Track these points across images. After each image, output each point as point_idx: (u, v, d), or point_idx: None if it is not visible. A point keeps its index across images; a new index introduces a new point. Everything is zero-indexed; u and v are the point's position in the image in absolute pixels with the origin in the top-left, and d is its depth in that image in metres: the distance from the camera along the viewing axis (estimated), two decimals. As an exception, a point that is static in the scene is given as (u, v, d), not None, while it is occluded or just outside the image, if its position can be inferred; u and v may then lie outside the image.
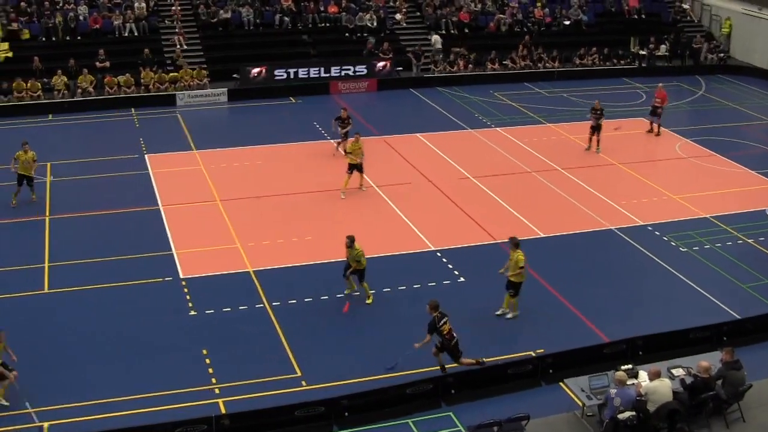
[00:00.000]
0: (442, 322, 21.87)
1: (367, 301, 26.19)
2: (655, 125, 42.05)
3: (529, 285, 26.74)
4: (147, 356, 23.01)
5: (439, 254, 28.95)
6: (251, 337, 23.94)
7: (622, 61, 54.47)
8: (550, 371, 22.41)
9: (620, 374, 19.56)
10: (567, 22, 56.66)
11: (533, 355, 23.05)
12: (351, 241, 25.78)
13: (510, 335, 24.31)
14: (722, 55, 56.39)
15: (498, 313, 25.33)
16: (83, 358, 22.93)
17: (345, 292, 26.52)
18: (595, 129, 39.14)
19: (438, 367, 22.19)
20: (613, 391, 19.19)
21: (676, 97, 49.41)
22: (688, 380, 20.37)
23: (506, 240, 28.68)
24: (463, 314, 25.21)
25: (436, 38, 52.42)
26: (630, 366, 20.75)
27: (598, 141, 39.24)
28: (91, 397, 21.08)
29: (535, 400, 21.45)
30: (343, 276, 26.08)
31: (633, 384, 19.80)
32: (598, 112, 38.83)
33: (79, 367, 22.51)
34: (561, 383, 21.78)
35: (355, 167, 33.74)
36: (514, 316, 25.17)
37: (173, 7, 52.02)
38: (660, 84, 43.33)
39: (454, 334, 22.01)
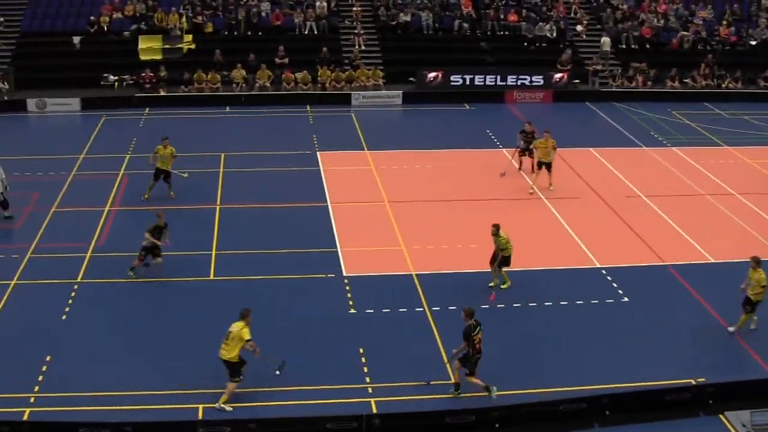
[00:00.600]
0: (476, 330, 21.40)
1: (502, 286, 26.74)
2: None
3: (694, 310, 26.21)
4: (304, 350, 23.33)
5: (604, 272, 28.45)
6: (408, 340, 24.00)
7: (810, 86, 52.55)
8: (710, 402, 21.71)
9: (786, 411, 18.90)
10: (753, 42, 54.93)
11: (693, 383, 22.42)
12: (497, 229, 26.27)
13: (670, 360, 23.66)
14: None
15: (731, 329, 24.97)
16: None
17: (490, 284, 26.71)
18: None
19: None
20: (776, 427, 18.55)
21: None
22: None
23: (674, 263, 28.21)
24: (625, 334, 24.83)
25: (605, 40, 51.62)
26: (797, 403, 20.04)
27: None
28: (244, 384, 21.41)
29: (691, 430, 20.90)
30: (490, 265, 26.29)
31: (799, 422, 19.11)
32: None
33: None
34: (720, 416, 21.10)
35: (544, 165, 34.14)
36: (755, 327, 25.06)
37: (354, 8, 52.76)
38: None
39: (481, 348, 21.56)
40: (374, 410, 20.84)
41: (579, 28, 54.17)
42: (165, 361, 22.64)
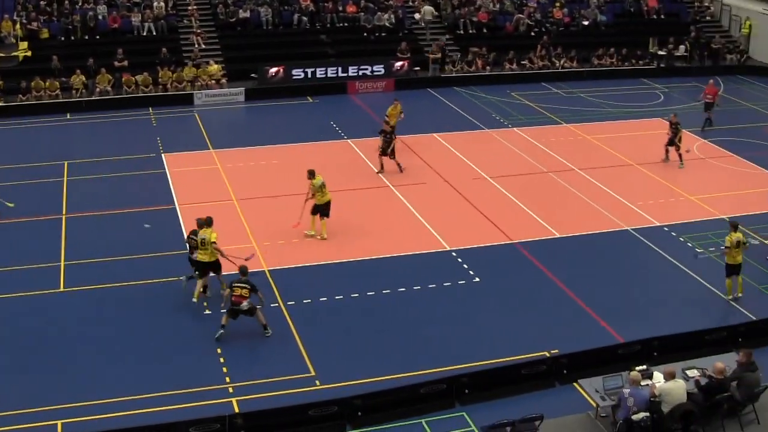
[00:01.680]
0: None
1: (310, 232, 29.64)
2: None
3: (543, 285, 26.91)
4: (160, 356, 23.07)
5: (454, 254, 28.92)
6: (265, 337, 23.94)
7: (641, 62, 54.24)
8: (564, 372, 22.33)
9: (634, 375, 19.48)
10: (585, 23, 56.46)
11: (547, 355, 23.01)
12: (311, 174, 29.13)
13: (524, 335, 24.25)
14: (741, 56, 56.16)
15: (730, 297, 26.40)
16: (97, 357, 23.06)
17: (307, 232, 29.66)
18: (672, 143, 37.81)
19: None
20: (626, 391, 19.10)
21: (694, 98, 49.17)
22: (703, 382, 20.27)
23: (522, 240, 28.90)
24: (478, 314, 25.33)
25: (426, 9, 52.33)
26: (644, 367, 20.66)
27: (680, 155, 37.87)
28: (102, 395, 21.16)
29: (548, 400, 21.40)
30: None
31: (647, 385, 19.73)
32: (675, 126, 37.61)
33: (92, 367, 22.64)
34: (575, 384, 21.68)
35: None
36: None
37: (191, 7, 52.17)
38: (710, 80, 44.72)
39: None
40: (236, 410, 20.75)
41: (417, 16, 54.68)
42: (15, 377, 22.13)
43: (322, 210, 29.45)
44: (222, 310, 24.03)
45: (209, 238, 24.86)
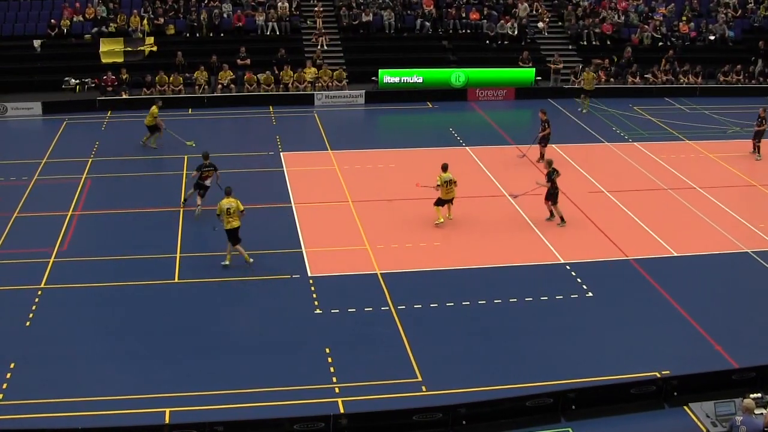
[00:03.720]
0: (555, 174, 31.12)
1: (439, 221, 31.41)
2: None
3: (657, 303, 26.43)
4: (271, 351, 23.34)
5: (568, 267, 28.61)
6: (374, 339, 24.06)
7: (768, 80, 53.08)
8: (675, 394, 21.87)
9: (748, 402, 19.02)
10: (712, 38, 55.40)
11: (658, 375, 22.59)
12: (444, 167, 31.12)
13: (635, 354, 23.84)
14: None
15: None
16: (206, 349, 23.44)
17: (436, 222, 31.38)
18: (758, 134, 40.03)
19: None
20: (739, 419, 18.66)
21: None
22: (820, 413, 19.74)
23: (637, 257, 28.52)
24: (589, 329, 25.03)
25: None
26: (759, 395, 20.19)
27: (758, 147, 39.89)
28: (211, 387, 21.53)
29: (656, 422, 21.04)
30: None
31: (761, 414, 19.26)
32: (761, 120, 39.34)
33: (202, 358, 22.98)
34: (685, 407, 21.25)
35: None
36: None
37: (316, 8, 52.72)
38: None
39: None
40: (341, 410, 20.83)
41: (541, 24, 54.40)
42: (131, 365, 22.58)
43: (444, 203, 31.22)
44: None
45: (237, 206, 27.65)
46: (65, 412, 20.39)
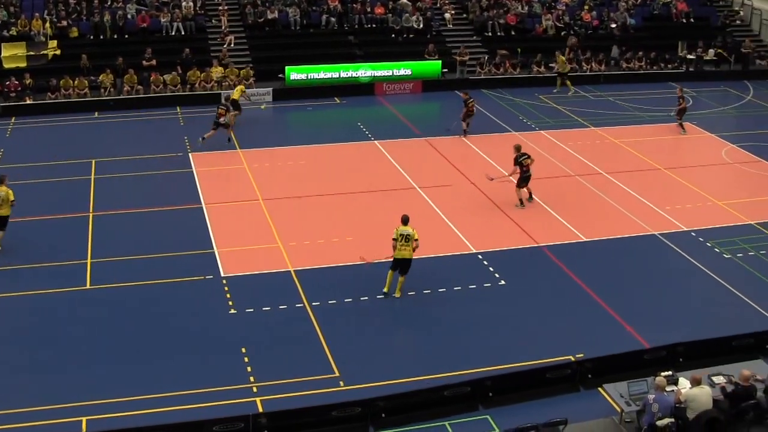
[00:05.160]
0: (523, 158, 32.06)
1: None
2: None
3: (569, 288, 26.81)
4: (186, 354, 23.15)
5: (480, 257, 28.87)
6: (290, 337, 24.00)
7: (670, 66, 54.04)
8: (589, 376, 22.22)
9: (660, 380, 19.43)
10: (614, 26, 56.27)
11: (572, 359, 22.92)
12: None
13: (549, 339, 24.16)
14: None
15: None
16: (121, 354, 23.11)
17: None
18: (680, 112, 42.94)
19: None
20: (651, 397, 19.05)
21: (723, 102, 48.99)
22: (729, 388, 20.19)
23: (548, 243, 28.86)
24: (503, 317, 25.29)
25: None
26: (670, 372, 20.58)
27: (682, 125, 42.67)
28: (128, 393, 21.23)
29: (573, 404, 21.28)
30: None
31: (673, 391, 19.66)
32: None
33: (117, 363, 22.68)
34: (600, 388, 21.56)
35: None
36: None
37: (220, 7, 52.35)
38: None
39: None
40: (260, 409, 20.76)
41: (447, 15, 54.65)
42: (44, 374, 22.22)
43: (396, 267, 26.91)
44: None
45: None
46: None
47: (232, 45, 49.94)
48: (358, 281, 27.01)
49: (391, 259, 25.95)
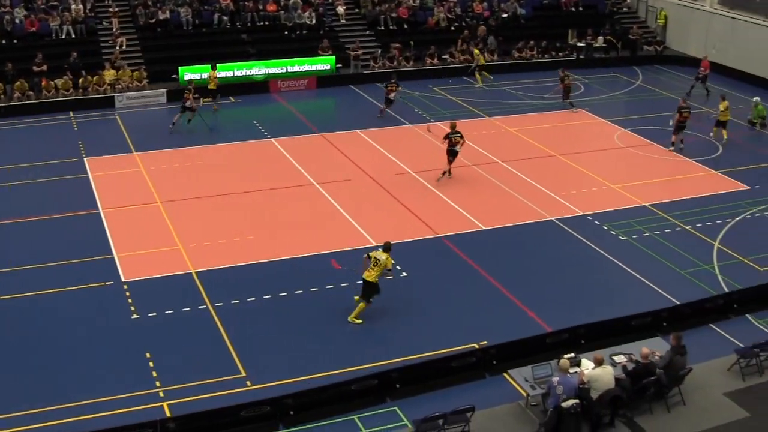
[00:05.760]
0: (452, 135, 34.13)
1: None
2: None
3: (470, 277, 27.14)
4: (89, 362, 22.83)
5: (381, 250, 29.04)
6: (194, 339, 23.85)
7: (560, 54, 54.88)
8: (494, 363, 22.56)
9: (563, 363, 19.79)
10: (505, 16, 56.90)
11: (476, 347, 23.21)
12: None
13: (453, 328, 24.45)
14: (659, 46, 57.13)
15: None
16: (23, 365, 22.71)
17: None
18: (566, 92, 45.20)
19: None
20: (555, 379, 19.37)
21: (613, 88, 49.96)
22: (630, 366, 20.69)
23: (448, 234, 29.13)
24: (407, 308, 25.47)
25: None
26: (573, 354, 21.01)
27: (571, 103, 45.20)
28: (31, 405, 20.88)
29: (479, 391, 21.60)
30: None
31: (576, 372, 20.05)
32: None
33: (20, 374, 22.29)
34: (505, 374, 21.93)
35: None
36: None
37: (111, 9, 51.58)
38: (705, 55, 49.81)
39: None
40: (168, 414, 20.62)
41: (340, 9, 54.63)
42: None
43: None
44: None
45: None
46: None
47: (124, 47, 49.25)
48: (260, 280, 26.99)
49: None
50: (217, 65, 46.37)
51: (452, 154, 34.97)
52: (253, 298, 25.90)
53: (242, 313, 25.18)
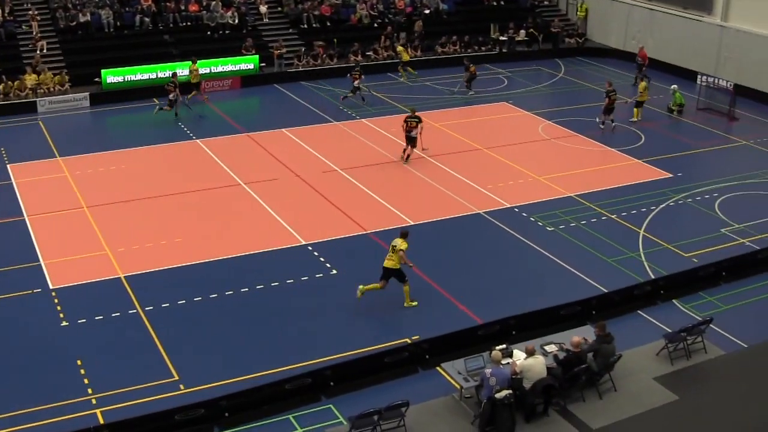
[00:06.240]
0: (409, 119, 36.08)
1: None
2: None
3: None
4: (19, 372, 22.50)
5: (310, 248, 29.05)
6: (126, 345, 23.64)
7: (483, 48, 55.26)
8: (427, 357, 22.70)
9: (495, 354, 19.97)
10: (427, 12, 57.16)
11: (409, 342, 23.33)
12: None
13: (385, 324, 24.57)
14: (580, 38, 57.82)
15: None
16: (-48, 376, 22.41)
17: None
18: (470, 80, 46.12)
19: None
20: (488, 371, 19.53)
21: (537, 81, 50.46)
22: (561, 355, 20.94)
23: (376, 230, 29.23)
24: (338, 306, 25.52)
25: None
26: (504, 346, 21.19)
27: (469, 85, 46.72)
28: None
29: (413, 386, 21.72)
30: None
31: (508, 363, 20.24)
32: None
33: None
34: (438, 368, 22.10)
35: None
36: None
37: (30, 12, 50.83)
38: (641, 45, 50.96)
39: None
40: (101, 421, 20.43)
41: (263, 8, 54.40)
42: None
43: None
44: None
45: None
46: None
47: (45, 51, 48.57)
48: (190, 282, 26.84)
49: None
50: (198, 61, 46.71)
51: (409, 140, 36.42)
52: (183, 301, 25.76)
53: (173, 316, 25.03)
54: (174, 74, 44.43)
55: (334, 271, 27.55)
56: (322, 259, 28.22)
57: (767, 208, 32.95)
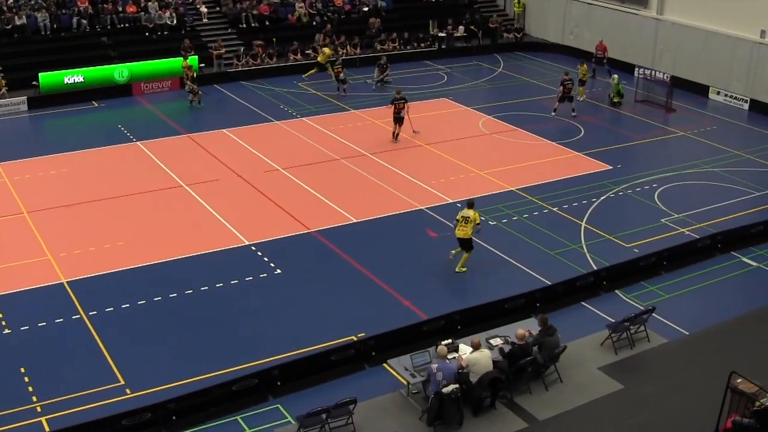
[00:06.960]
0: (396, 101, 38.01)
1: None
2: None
3: (344, 270, 27.36)
4: (-38, 381, 22.31)
5: (253, 248, 28.98)
6: (70, 351, 23.42)
7: (423, 45, 55.47)
8: (373, 354, 22.78)
9: (441, 349, 20.12)
10: (366, 9, 57.23)
11: (355, 339, 23.39)
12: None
13: (330, 322, 24.57)
14: (519, 33, 58.22)
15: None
16: None
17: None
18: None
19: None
20: (434, 366, 19.65)
21: (476, 76, 50.74)
22: (507, 348, 21.16)
23: (319, 228, 29.25)
24: (283, 305, 25.53)
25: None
26: (450, 340, 21.34)
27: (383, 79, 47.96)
28: None
29: (360, 383, 21.80)
30: None
31: (454, 358, 20.38)
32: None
33: None
34: (384, 364, 22.17)
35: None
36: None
37: (-36, 16, 50.17)
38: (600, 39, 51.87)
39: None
40: (47, 429, 20.26)
41: (203, 9, 54.13)
42: None
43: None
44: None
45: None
46: None
47: (-21, 55, 48.00)
48: (134, 286, 26.65)
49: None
50: (188, 57, 47.67)
51: (397, 120, 38.61)
52: (127, 305, 25.57)
53: (117, 320, 24.86)
54: (190, 67, 46.27)
55: (279, 271, 27.52)
56: (266, 259, 28.18)
57: (705, 197, 33.49)
